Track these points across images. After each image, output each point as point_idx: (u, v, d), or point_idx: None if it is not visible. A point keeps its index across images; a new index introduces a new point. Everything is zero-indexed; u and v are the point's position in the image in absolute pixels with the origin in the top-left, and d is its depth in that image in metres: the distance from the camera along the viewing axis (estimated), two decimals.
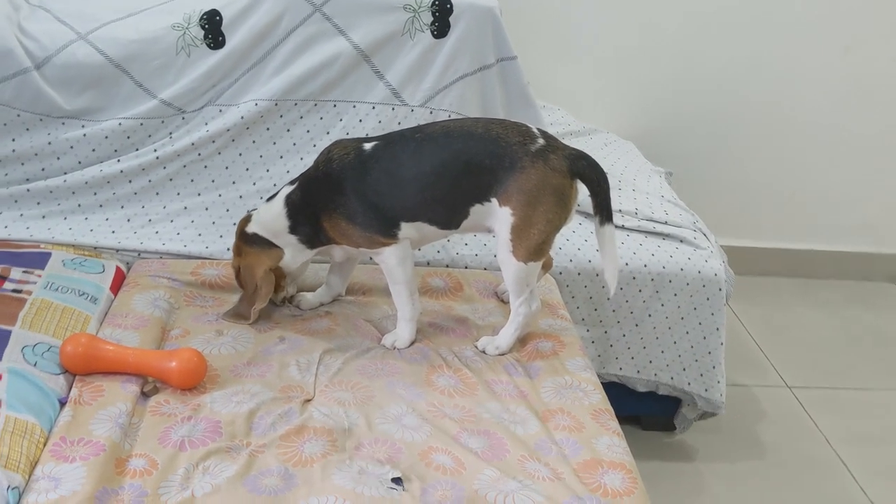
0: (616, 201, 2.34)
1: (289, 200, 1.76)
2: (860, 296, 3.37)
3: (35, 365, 1.55)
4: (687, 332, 2.23)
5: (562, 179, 1.69)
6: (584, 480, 1.44)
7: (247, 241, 1.79)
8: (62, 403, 1.52)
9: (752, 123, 3.22)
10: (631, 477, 1.46)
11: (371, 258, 1.84)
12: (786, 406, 2.65)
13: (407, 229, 1.74)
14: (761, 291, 3.31)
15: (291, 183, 1.79)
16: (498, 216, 1.71)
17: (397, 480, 1.41)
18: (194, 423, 1.50)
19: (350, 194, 1.71)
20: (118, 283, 1.91)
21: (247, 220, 1.81)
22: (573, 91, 3.07)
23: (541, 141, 1.71)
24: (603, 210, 1.72)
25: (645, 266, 2.18)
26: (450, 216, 1.74)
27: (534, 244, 1.70)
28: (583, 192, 1.75)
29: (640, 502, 1.41)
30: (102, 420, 1.47)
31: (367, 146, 1.74)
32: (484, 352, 1.79)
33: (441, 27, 2.08)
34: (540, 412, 1.62)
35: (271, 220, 1.77)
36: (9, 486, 1.30)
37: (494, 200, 1.70)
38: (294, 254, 1.80)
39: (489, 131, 1.71)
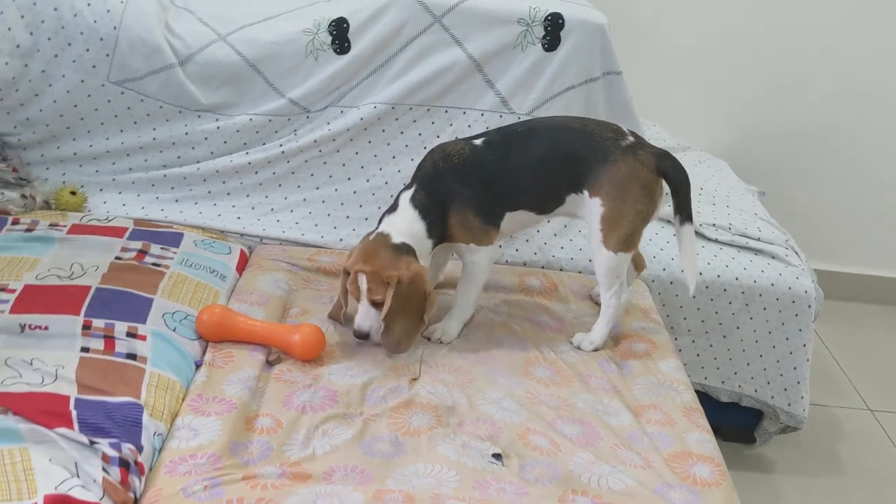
0: (710, 216, 2.42)
1: (416, 203, 1.79)
2: None
3: (174, 330, 1.72)
4: (774, 347, 2.29)
5: (649, 174, 1.80)
6: (675, 470, 1.52)
7: (403, 252, 1.75)
8: (197, 366, 1.68)
9: (845, 146, 3.24)
10: (720, 470, 1.54)
11: (459, 257, 1.90)
12: (866, 428, 2.67)
13: (507, 221, 1.86)
14: (847, 316, 3.32)
15: (405, 190, 1.83)
16: (589, 207, 1.83)
17: (497, 456, 1.52)
18: (314, 391, 1.64)
19: (475, 186, 1.80)
20: (242, 264, 2.08)
21: (381, 236, 1.77)
22: (669, 108, 3.15)
23: (630, 139, 1.83)
24: (683, 210, 1.83)
25: (736, 279, 2.25)
26: (547, 202, 1.87)
27: (623, 234, 1.81)
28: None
29: (728, 494, 1.49)
30: (233, 382, 1.62)
31: (477, 142, 1.85)
32: (579, 348, 1.89)
33: (552, 41, 2.19)
34: (632, 406, 1.71)
35: (408, 225, 1.78)
36: (155, 433, 1.46)
37: (585, 192, 1.82)
38: (424, 257, 1.82)
39: (585, 126, 1.85)
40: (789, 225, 2.74)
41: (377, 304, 1.76)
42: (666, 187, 1.85)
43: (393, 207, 1.83)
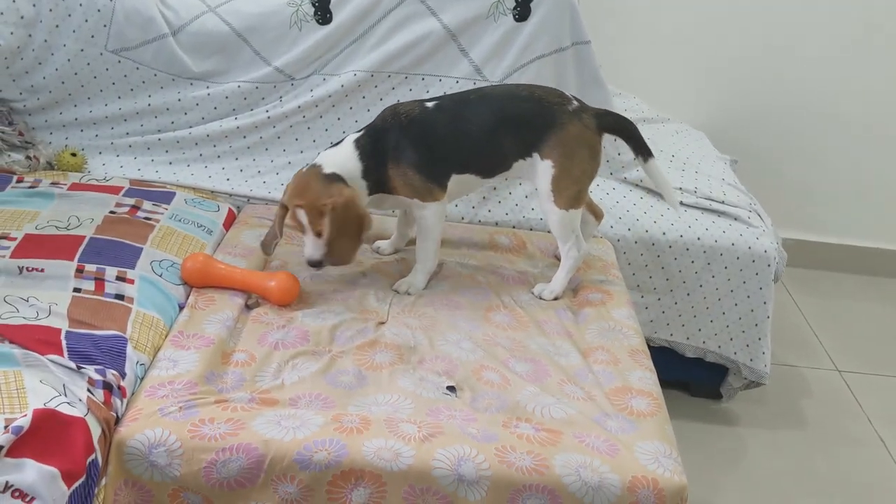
0: (678, 180, 2.54)
1: (358, 145, 1.90)
2: None
3: (160, 276, 1.87)
4: (735, 304, 2.40)
5: (593, 135, 1.94)
6: (614, 402, 1.65)
7: (333, 181, 1.86)
8: (181, 307, 1.83)
9: (825, 120, 3.33)
10: (657, 403, 1.66)
11: (412, 213, 2.01)
12: (833, 387, 2.78)
13: (453, 182, 1.97)
14: (825, 285, 3.42)
15: (353, 133, 1.94)
16: (539, 169, 1.95)
17: (451, 388, 1.66)
18: (287, 331, 1.78)
19: (418, 145, 1.91)
20: (230, 221, 2.22)
21: (314, 167, 1.89)
22: (650, 81, 3.26)
23: (575, 103, 1.96)
24: (641, 150, 1.99)
25: (698, 239, 2.36)
26: (494, 167, 1.99)
27: (572, 193, 1.94)
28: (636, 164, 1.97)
29: (661, 423, 1.61)
30: (213, 322, 1.77)
31: (429, 104, 1.96)
32: (540, 297, 2.02)
33: (523, 11, 2.32)
34: (582, 348, 1.84)
35: (344, 162, 1.89)
36: (137, 362, 1.61)
37: (536, 155, 1.95)
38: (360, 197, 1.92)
39: (532, 93, 1.97)
40: (767, 195, 2.85)
41: (321, 234, 1.87)
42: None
43: (335, 144, 1.95)
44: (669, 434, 1.58)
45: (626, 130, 1.99)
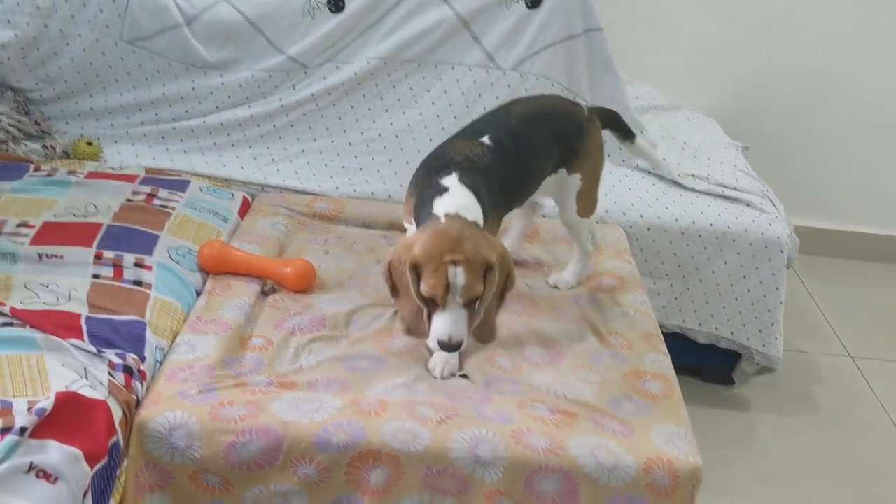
0: (690, 167, 2.55)
1: (467, 185, 1.58)
2: None
3: (178, 262, 1.88)
4: (748, 290, 2.41)
5: (601, 135, 1.90)
6: (629, 385, 1.66)
7: (480, 231, 1.53)
8: (198, 294, 1.85)
9: (838, 108, 3.32)
10: (670, 386, 1.68)
11: None
12: (846, 373, 2.78)
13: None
14: (837, 272, 3.42)
15: (440, 176, 1.59)
16: (566, 185, 1.87)
17: (464, 377, 1.67)
18: (303, 317, 1.80)
19: (498, 187, 1.66)
20: (245, 209, 2.24)
21: (454, 218, 1.51)
22: (661, 68, 3.26)
23: (583, 103, 1.94)
24: (627, 135, 2.00)
25: (711, 225, 2.36)
26: (530, 194, 1.84)
27: (594, 199, 1.93)
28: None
29: (675, 405, 1.62)
30: (230, 308, 1.79)
31: (487, 141, 1.69)
32: (556, 286, 2.02)
33: None
34: (597, 333, 1.85)
35: (469, 205, 1.55)
36: (157, 347, 1.63)
37: (563, 170, 1.85)
38: None
39: (556, 106, 1.86)
40: (779, 182, 2.85)
41: (474, 300, 1.50)
42: None
43: (438, 191, 1.56)
44: (684, 416, 1.59)
45: (617, 122, 1.97)
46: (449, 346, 1.52)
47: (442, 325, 1.51)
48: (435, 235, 1.49)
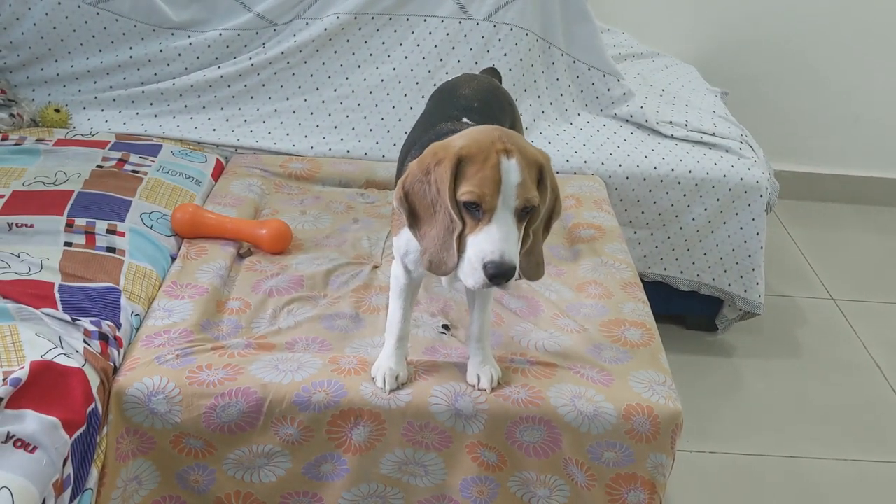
0: (668, 114, 2.52)
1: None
2: None
3: (151, 227, 1.86)
4: (728, 236, 2.40)
5: None
6: (607, 334, 1.66)
7: None
8: (173, 258, 1.83)
9: (814, 49, 3.29)
10: (649, 333, 1.68)
11: None
12: (828, 315, 2.79)
13: None
14: (819, 216, 3.42)
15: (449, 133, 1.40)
16: None
17: (446, 327, 1.67)
18: (281, 278, 1.78)
19: None
20: (218, 172, 2.21)
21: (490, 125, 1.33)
22: (638, 15, 3.21)
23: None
24: None
25: (690, 172, 2.35)
26: None
27: None
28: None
29: (654, 352, 1.62)
30: (206, 272, 1.77)
31: (466, 120, 1.55)
32: None
33: None
34: (574, 285, 1.84)
35: None
36: (132, 313, 1.62)
37: None
38: None
39: (491, 84, 1.76)
40: (758, 127, 2.83)
41: (531, 209, 1.22)
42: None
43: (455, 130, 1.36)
44: (663, 363, 1.59)
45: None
46: (500, 270, 1.16)
47: (489, 241, 1.17)
48: (479, 130, 1.25)
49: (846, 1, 3.22)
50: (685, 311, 2.61)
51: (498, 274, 1.16)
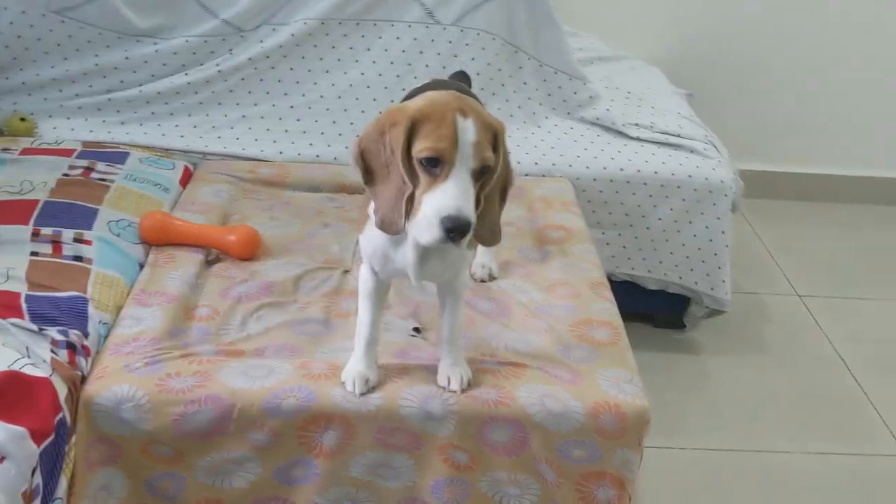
0: (634, 117, 2.56)
1: None
2: (880, 218, 3.50)
3: (118, 235, 1.85)
4: (694, 235, 2.44)
5: None
6: (575, 333, 1.68)
7: None
8: (141, 266, 1.82)
9: (778, 51, 3.35)
10: (616, 332, 1.70)
11: None
12: (793, 311, 2.84)
13: None
14: (784, 214, 3.47)
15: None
16: None
17: (417, 329, 1.68)
18: (250, 284, 1.78)
19: None
20: (186, 178, 2.20)
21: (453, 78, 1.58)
22: (604, 18, 3.25)
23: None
24: None
25: (655, 173, 2.38)
26: None
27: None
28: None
29: (622, 350, 1.64)
30: (174, 279, 1.77)
31: None
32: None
33: None
34: (544, 286, 1.86)
35: None
36: (100, 321, 1.61)
37: None
38: None
39: (461, 87, 1.64)
40: (723, 128, 2.87)
41: (485, 170, 1.24)
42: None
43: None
44: (630, 361, 1.62)
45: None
46: (457, 224, 1.18)
47: (446, 197, 1.19)
48: (436, 94, 1.28)
49: (807, 7, 3.28)
50: (653, 309, 2.64)
51: (454, 228, 1.19)
